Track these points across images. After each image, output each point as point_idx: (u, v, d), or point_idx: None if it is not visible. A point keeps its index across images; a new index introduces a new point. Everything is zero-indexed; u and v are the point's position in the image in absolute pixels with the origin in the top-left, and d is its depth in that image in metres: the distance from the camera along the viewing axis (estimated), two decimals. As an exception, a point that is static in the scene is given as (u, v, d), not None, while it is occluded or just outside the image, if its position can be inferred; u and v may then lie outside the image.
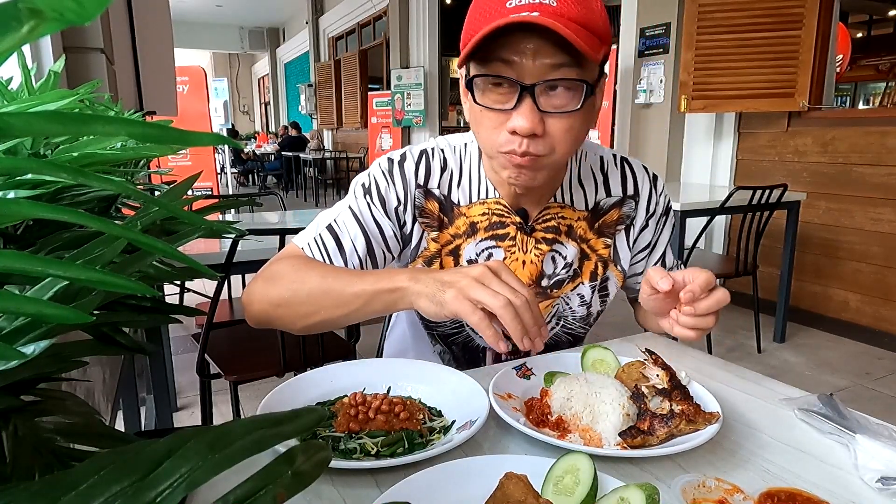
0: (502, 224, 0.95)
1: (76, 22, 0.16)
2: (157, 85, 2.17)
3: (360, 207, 0.93)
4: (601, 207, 0.99)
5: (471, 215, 0.95)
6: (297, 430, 0.22)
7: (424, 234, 0.96)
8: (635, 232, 1.01)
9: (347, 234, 0.91)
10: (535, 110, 0.77)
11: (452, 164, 0.96)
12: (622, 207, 0.99)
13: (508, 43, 0.75)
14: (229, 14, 13.58)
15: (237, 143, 0.28)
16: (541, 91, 0.77)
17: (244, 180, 12.64)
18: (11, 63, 0.70)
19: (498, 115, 0.79)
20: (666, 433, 0.66)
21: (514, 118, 0.77)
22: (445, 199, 0.96)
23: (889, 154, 3.12)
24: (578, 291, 1.00)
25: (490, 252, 0.95)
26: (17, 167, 0.35)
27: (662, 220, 1.03)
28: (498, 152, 0.81)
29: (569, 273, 0.98)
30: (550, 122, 0.78)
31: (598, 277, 1.00)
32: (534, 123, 0.76)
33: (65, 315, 0.22)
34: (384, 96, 8.12)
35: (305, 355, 1.78)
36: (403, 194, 0.94)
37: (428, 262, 0.97)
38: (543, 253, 0.96)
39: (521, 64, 0.75)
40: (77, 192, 0.46)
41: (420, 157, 0.95)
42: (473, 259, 0.96)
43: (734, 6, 3.50)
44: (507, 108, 0.78)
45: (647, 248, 1.03)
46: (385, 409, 0.69)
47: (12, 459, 0.31)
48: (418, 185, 0.94)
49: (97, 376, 0.87)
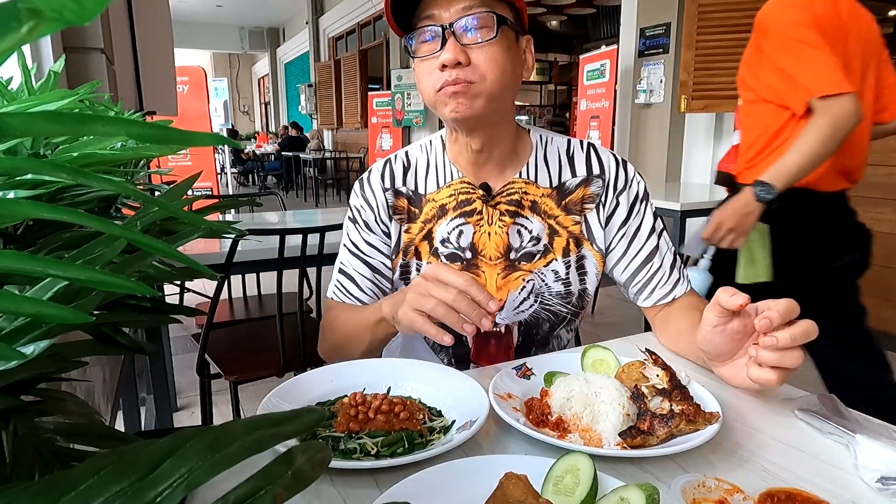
0: (468, 201, 1.02)
1: (76, 22, 0.16)
2: (157, 85, 2.17)
3: (354, 240, 1.07)
4: (567, 187, 1.03)
5: (439, 199, 1.03)
6: (297, 430, 0.22)
7: (401, 228, 1.06)
8: (606, 210, 1.03)
9: (355, 270, 1.06)
10: (457, 45, 0.88)
11: (417, 160, 1.06)
12: (589, 186, 1.03)
13: (425, 2, 0.90)
14: (229, 14, 13.58)
15: (237, 143, 0.28)
16: (459, 29, 0.88)
17: (244, 180, 12.65)
18: (11, 63, 0.70)
19: (431, 62, 0.90)
20: (666, 433, 0.66)
21: (442, 56, 0.88)
22: (413, 193, 1.05)
23: (889, 154, 3.12)
24: (553, 268, 1.02)
25: (461, 229, 1.02)
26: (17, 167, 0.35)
27: (641, 205, 1.04)
28: (436, 93, 0.91)
29: (537, 247, 1.01)
30: (473, 53, 0.88)
31: (570, 254, 1.02)
32: (455, 53, 0.87)
33: (65, 315, 0.22)
34: (384, 96, 8.12)
35: (305, 355, 1.78)
36: (376, 205, 1.05)
37: (404, 251, 1.06)
38: (507, 225, 1.01)
39: (439, 15, 0.89)
40: (77, 192, 0.46)
41: (384, 166, 1.07)
42: (446, 237, 1.02)
43: (734, 6, 3.50)
44: (436, 51, 0.89)
45: (622, 229, 1.03)
46: (385, 409, 0.69)
47: (12, 459, 0.31)
48: (385, 189, 1.05)
49: (97, 376, 0.87)
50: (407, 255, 1.05)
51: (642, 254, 1.03)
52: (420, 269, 1.05)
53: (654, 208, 1.06)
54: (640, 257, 1.03)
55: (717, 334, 0.76)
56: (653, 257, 1.03)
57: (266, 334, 2.02)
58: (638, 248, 1.03)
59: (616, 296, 3.96)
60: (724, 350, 0.78)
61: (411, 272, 1.06)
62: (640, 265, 1.03)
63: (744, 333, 0.76)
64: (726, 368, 0.80)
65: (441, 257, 1.03)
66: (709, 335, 0.77)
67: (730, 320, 0.75)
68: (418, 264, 1.05)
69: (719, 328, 0.75)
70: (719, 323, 0.75)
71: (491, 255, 1.01)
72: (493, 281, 1.02)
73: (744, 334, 0.76)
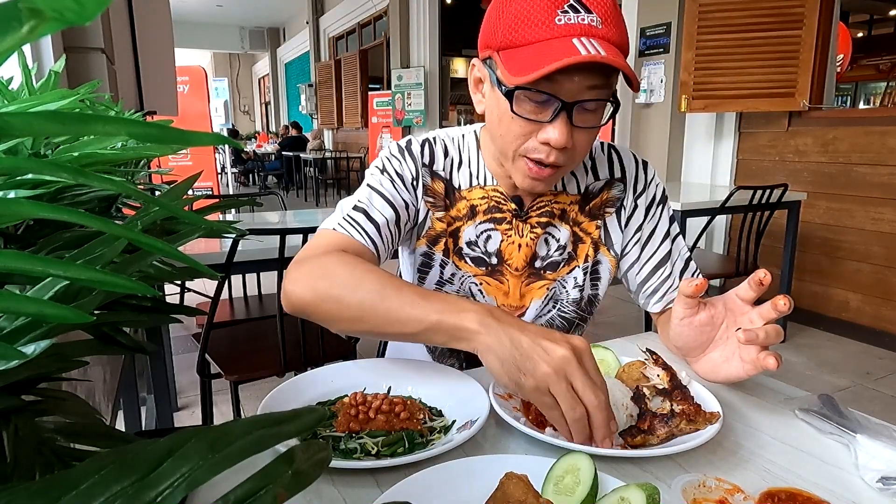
0: (499, 209, 0.99)
1: (76, 22, 0.16)
2: (157, 85, 2.17)
3: (382, 183, 0.95)
4: (591, 191, 1.01)
5: (471, 198, 0.99)
6: (297, 430, 0.22)
7: (430, 213, 0.99)
8: (626, 214, 1.02)
9: (375, 208, 0.92)
10: (569, 125, 0.81)
11: (453, 152, 1.01)
12: (611, 189, 1.01)
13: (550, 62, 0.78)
14: (229, 14, 13.58)
15: (237, 143, 0.28)
16: (577, 108, 0.81)
17: (244, 180, 12.64)
18: (12, 63, 0.70)
19: (530, 123, 0.83)
20: (666, 433, 0.66)
21: (549, 131, 0.81)
22: (448, 183, 1.00)
23: (889, 154, 3.11)
24: (574, 274, 1.01)
25: (489, 234, 0.99)
26: (17, 167, 0.35)
27: (657, 208, 1.03)
28: (521, 156, 0.86)
29: (563, 255, 1.00)
30: (578, 135, 0.83)
31: (588, 259, 1.01)
32: (567, 138, 0.81)
33: (65, 315, 0.22)
34: (384, 96, 8.12)
35: (305, 355, 1.78)
36: (415, 170, 0.97)
37: (433, 241, 1.00)
38: (538, 236, 0.99)
39: (563, 83, 0.79)
40: (77, 192, 0.46)
41: (424, 143, 1.00)
42: (473, 240, 0.99)
43: (734, 6, 3.50)
44: (543, 120, 0.82)
45: (637, 233, 1.02)
46: (385, 408, 0.69)
47: (12, 459, 0.31)
48: (424, 165, 0.98)
49: (97, 376, 0.87)
50: (434, 246, 1.00)
51: (654, 260, 1.02)
52: (444, 265, 1.00)
53: (672, 211, 1.04)
54: (651, 263, 1.02)
55: (685, 326, 0.81)
56: (664, 263, 1.01)
57: (266, 334, 2.02)
58: (650, 254, 1.02)
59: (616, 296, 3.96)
60: (694, 343, 0.82)
61: (433, 265, 1.01)
62: (650, 271, 1.02)
63: (712, 325, 0.80)
64: (701, 364, 0.83)
65: (465, 259, 1.00)
66: (677, 328, 0.82)
67: (696, 312, 0.80)
68: (443, 260, 1.00)
69: (686, 320, 0.80)
70: (686, 315, 0.80)
71: (518, 265, 0.99)
72: (516, 289, 1.00)
73: (712, 326, 0.80)
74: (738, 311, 0.79)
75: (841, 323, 3.44)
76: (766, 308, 0.75)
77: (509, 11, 0.80)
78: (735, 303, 0.79)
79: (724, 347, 0.80)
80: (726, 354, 0.79)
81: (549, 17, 0.77)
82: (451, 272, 1.01)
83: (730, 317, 0.80)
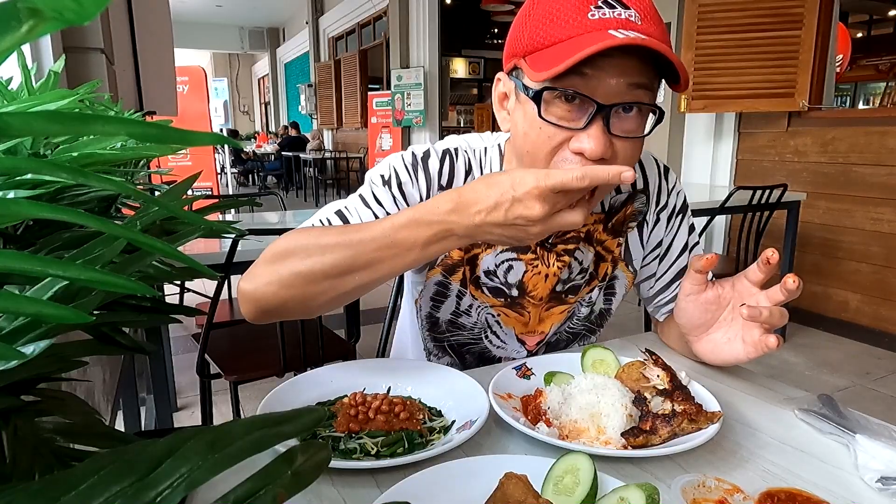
0: None
1: (75, 21, 0.16)
2: (157, 85, 2.17)
3: (379, 196, 0.85)
4: (614, 206, 0.94)
5: None
6: (297, 430, 0.22)
7: None
8: (648, 229, 0.96)
9: (359, 218, 0.83)
10: (606, 133, 0.70)
11: (475, 169, 0.90)
12: (634, 202, 0.94)
13: (589, 56, 0.66)
14: (229, 14, 13.57)
15: (237, 143, 0.28)
16: (615, 112, 0.70)
17: (244, 180, 12.64)
18: (11, 63, 0.70)
19: (561, 131, 0.71)
20: (669, 432, 0.66)
21: (582, 139, 0.70)
22: None
23: (889, 154, 3.12)
24: (592, 294, 0.97)
25: (510, 264, 0.91)
26: (17, 167, 0.35)
27: (677, 218, 0.97)
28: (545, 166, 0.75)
29: (584, 278, 0.95)
30: (618, 145, 0.71)
31: (607, 276, 0.97)
32: (604, 148, 0.69)
33: (65, 315, 0.22)
34: (384, 96, 8.11)
35: (305, 355, 1.78)
36: (426, 191, 0.86)
37: (449, 270, 0.92)
38: (565, 264, 0.92)
39: (598, 80, 0.68)
40: (77, 192, 0.46)
41: (444, 157, 0.88)
42: (492, 270, 0.92)
43: (734, 6, 3.50)
44: (576, 127, 0.71)
45: (657, 248, 0.98)
46: (385, 409, 0.69)
47: (12, 459, 0.31)
48: (441, 186, 0.87)
49: (97, 376, 0.87)
50: (451, 276, 0.92)
51: (670, 273, 0.98)
52: (461, 295, 0.93)
53: (692, 221, 0.98)
54: (667, 277, 0.98)
55: (691, 303, 0.79)
56: (680, 277, 0.96)
57: (266, 334, 2.02)
58: (667, 267, 0.98)
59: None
60: (698, 321, 0.81)
61: (449, 296, 0.93)
62: (666, 284, 0.98)
63: (718, 305, 0.79)
64: (703, 343, 0.82)
65: (482, 289, 0.93)
66: (683, 304, 0.81)
67: (703, 290, 0.79)
68: (460, 291, 0.93)
69: (693, 297, 0.79)
70: (693, 291, 0.79)
71: (542, 295, 0.92)
72: (536, 317, 0.95)
73: (718, 305, 0.79)
74: (745, 293, 0.78)
75: (840, 323, 3.44)
76: (774, 290, 0.74)
77: (536, 13, 0.72)
78: (743, 284, 0.78)
79: (727, 329, 0.79)
80: (729, 336, 0.79)
81: (581, 13, 0.68)
82: (469, 303, 0.95)
83: (737, 298, 0.79)
